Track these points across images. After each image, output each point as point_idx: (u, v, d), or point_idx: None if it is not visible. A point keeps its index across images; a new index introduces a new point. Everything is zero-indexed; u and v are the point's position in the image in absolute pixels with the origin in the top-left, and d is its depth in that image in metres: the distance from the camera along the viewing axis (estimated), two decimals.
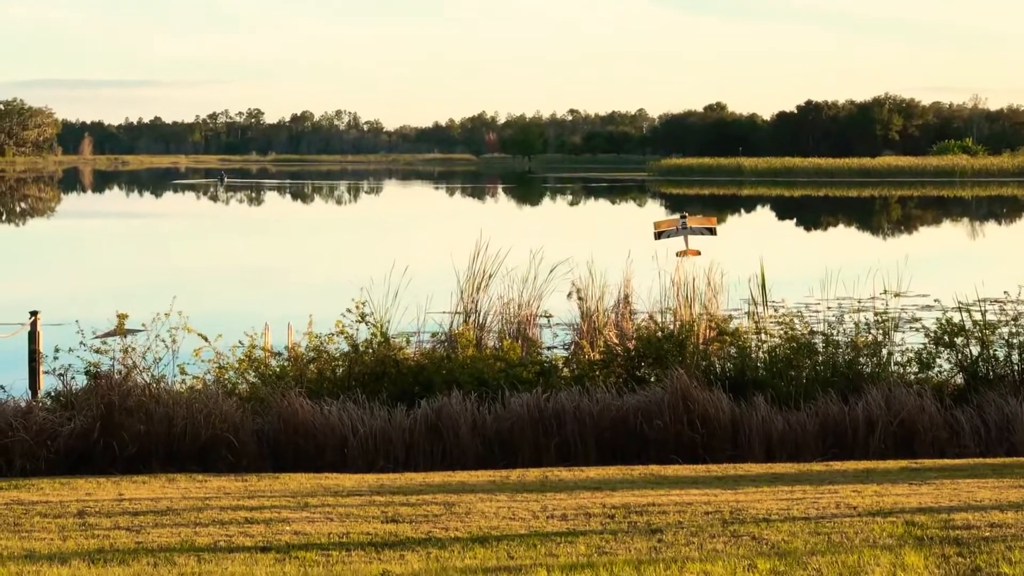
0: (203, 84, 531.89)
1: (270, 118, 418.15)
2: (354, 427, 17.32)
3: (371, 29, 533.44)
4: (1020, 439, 17.77)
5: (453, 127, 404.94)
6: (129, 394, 17.37)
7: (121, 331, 19.09)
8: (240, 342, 19.51)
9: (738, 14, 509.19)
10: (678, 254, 24.05)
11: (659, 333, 20.07)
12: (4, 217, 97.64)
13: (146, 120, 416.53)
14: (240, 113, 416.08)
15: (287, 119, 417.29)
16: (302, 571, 9.97)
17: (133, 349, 18.60)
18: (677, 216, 25.16)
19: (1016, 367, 19.49)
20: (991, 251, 60.77)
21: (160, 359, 18.75)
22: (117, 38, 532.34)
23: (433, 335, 21.14)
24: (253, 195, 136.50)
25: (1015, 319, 20.08)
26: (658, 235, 24.44)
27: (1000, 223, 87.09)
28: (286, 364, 19.34)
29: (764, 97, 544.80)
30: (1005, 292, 21.83)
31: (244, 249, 63.42)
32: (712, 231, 24.93)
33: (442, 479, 15.43)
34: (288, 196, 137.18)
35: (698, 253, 24.05)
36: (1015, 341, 19.68)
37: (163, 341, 18.90)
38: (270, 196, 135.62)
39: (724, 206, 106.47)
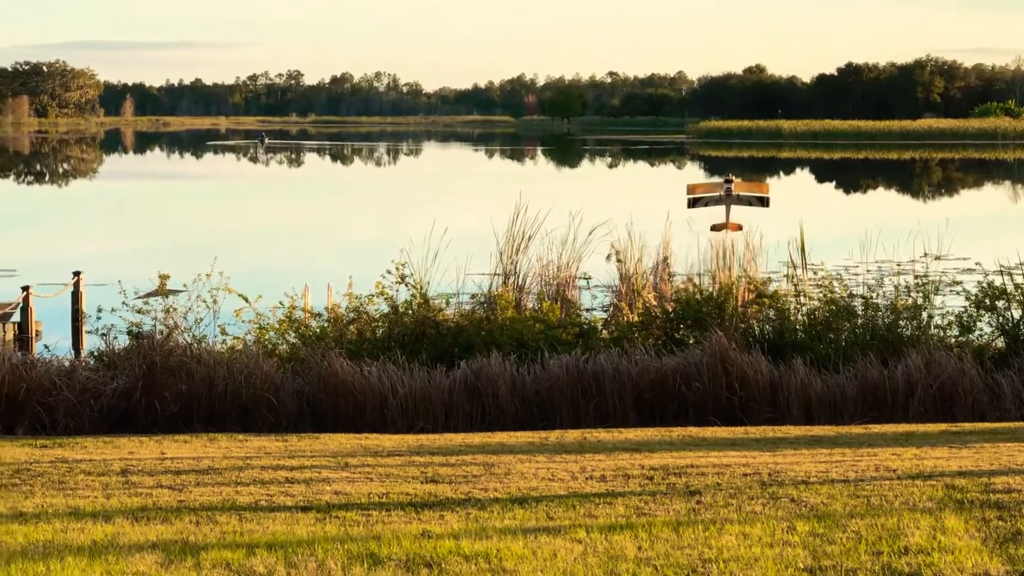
0: (243, 46, 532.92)
1: (309, 80, 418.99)
2: (394, 388, 17.38)
3: None
4: None
5: (492, 89, 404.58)
6: (171, 354, 17.49)
7: (163, 291, 19.21)
8: (280, 303, 19.60)
9: None
10: (714, 227, 23.57)
11: (697, 295, 20.06)
12: (47, 178, 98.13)
13: (187, 82, 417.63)
14: (280, 75, 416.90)
15: (327, 81, 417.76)
16: (343, 531, 10.03)
17: (175, 309, 18.72)
18: (719, 180, 24.54)
19: None
20: None
21: (201, 319, 18.87)
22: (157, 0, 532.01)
23: (472, 296, 21.19)
24: (293, 156, 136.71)
25: None
26: (693, 202, 24.01)
27: None
28: (326, 325, 19.41)
29: (804, 59, 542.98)
30: None
31: (284, 210, 63.57)
32: (764, 201, 24.52)
33: (481, 440, 15.48)
34: (327, 158, 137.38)
35: (739, 228, 23.57)
36: None
37: (204, 302, 19.02)
38: (310, 158, 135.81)
39: (763, 168, 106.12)
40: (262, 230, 51.55)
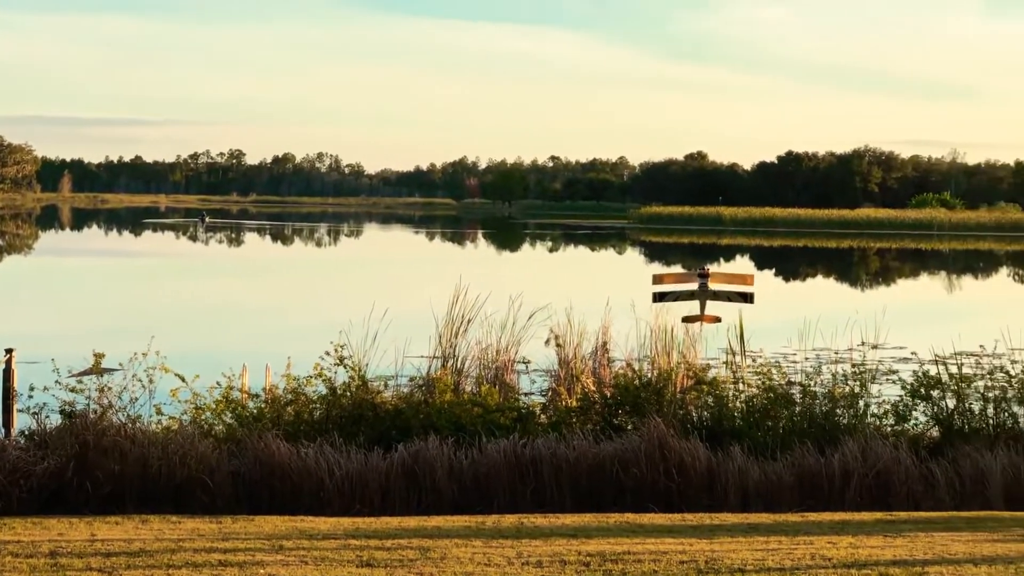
0: (184, 124, 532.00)
1: (251, 159, 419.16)
2: (331, 470, 17.27)
3: (354, 73, 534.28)
4: (994, 493, 17.81)
5: (434, 172, 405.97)
6: (104, 434, 17.29)
7: (97, 370, 19.02)
8: (217, 383, 19.46)
9: (719, 64, 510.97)
10: (687, 319, 21.95)
11: (637, 381, 20.07)
12: None
13: (127, 159, 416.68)
14: (221, 154, 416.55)
15: (268, 160, 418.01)
16: None
17: (109, 388, 18.52)
18: (689, 272, 22.88)
19: (991, 421, 19.55)
20: (967, 304, 60.98)
21: (136, 399, 18.67)
22: (98, 76, 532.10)
23: (411, 379, 21.12)
24: (233, 236, 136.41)
25: (990, 373, 20.15)
26: (659, 296, 21.29)
27: (977, 277, 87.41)
28: (263, 406, 19.28)
29: (745, 147, 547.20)
30: (981, 346, 21.94)
31: (223, 290, 63.35)
32: (747, 297, 21.59)
33: (418, 523, 15.39)
34: (268, 238, 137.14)
35: (717, 320, 21.92)
36: (990, 395, 19.74)
37: (140, 381, 18.83)
38: (250, 237, 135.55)
39: (704, 255, 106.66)
40: (200, 309, 51.30)
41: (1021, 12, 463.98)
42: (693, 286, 22.54)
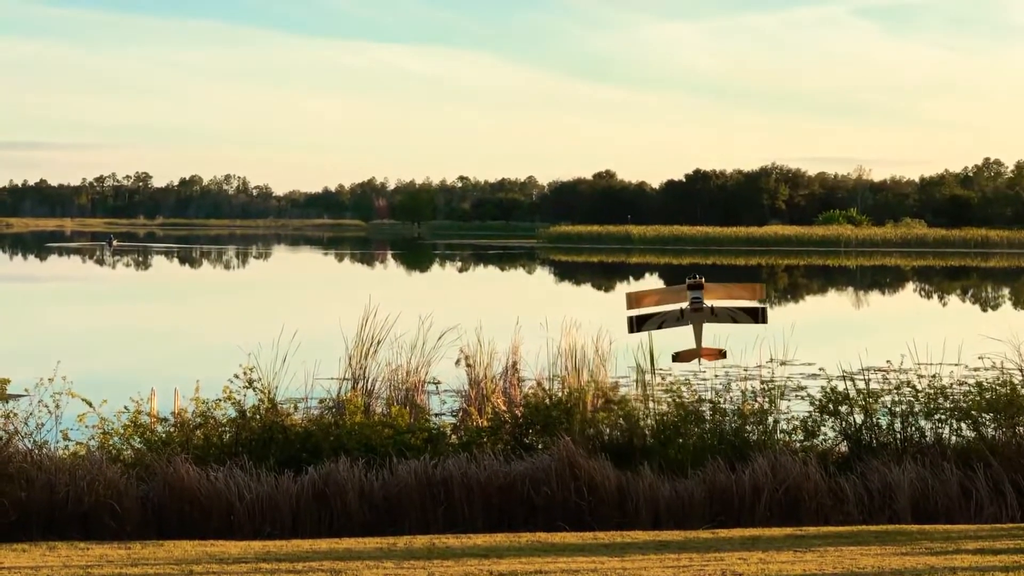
0: (90, 147, 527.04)
1: (158, 182, 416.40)
2: (240, 493, 17.18)
3: (260, 95, 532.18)
4: (902, 506, 17.99)
5: (343, 193, 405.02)
6: (9, 460, 17.10)
7: (2, 396, 18.82)
8: (125, 407, 19.29)
9: (625, 83, 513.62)
10: (678, 357, 19.00)
11: (547, 400, 20.09)
12: None
13: (31, 182, 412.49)
14: (128, 176, 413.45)
15: (175, 183, 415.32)
16: None
17: (15, 414, 18.34)
18: (675, 288, 18.33)
19: (898, 435, 19.75)
20: (874, 320, 61.60)
21: (43, 425, 18.48)
22: (3, 100, 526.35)
23: (321, 401, 21.04)
24: (141, 259, 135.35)
25: (897, 388, 20.35)
26: (638, 322, 17.04)
27: (883, 292, 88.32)
28: (172, 430, 19.14)
29: (653, 166, 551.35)
30: (888, 361, 22.17)
31: (131, 314, 62.79)
32: (757, 314, 17.42)
33: (328, 546, 15.33)
34: (176, 260, 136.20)
35: (722, 355, 18.71)
36: (897, 409, 19.94)
37: (46, 406, 18.64)
38: (158, 260, 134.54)
39: (613, 273, 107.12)
40: (108, 333, 50.82)
41: (918, 31, 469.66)
42: (683, 305, 18.60)
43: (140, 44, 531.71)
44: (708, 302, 17.76)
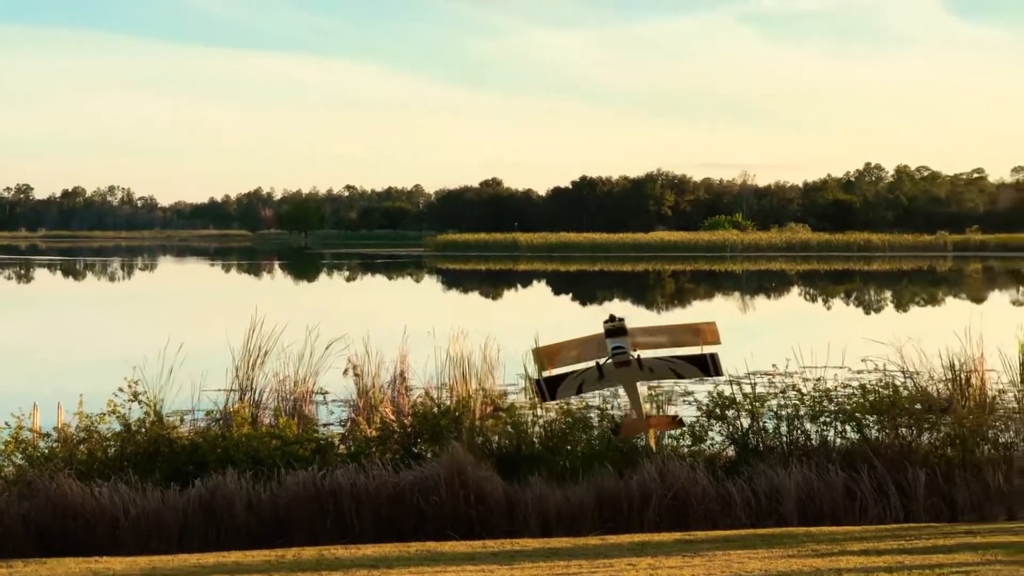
0: None
1: (39, 193, 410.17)
2: (126, 508, 16.99)
3: (142, 104, 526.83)
4: (788, 509, 18.17)
5: (229, 203, 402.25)
6: None
7: None
8: (6, 423, 19.03)
9: (510, 90, 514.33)
10: (621, 432, 15.45)
11: (435, 409, 20.07)
12: None
13: None
14: (8, 188, 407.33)
15: (57, 195, 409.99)
16: None
17: None
18: (591, 337, 14.17)
19: (784, 438, 19.93)
20: (760, 324, 62.14)
21: None
22: None
23: (208, 413, 20.88)
24: (22, 272, 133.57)
25: (783, 391, 20.56)
26: (551, 386, 13.12)
27: (769, 297, 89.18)
28: (55, 445, 18.90)
29: (539, 173, 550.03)
30: (773, 365, 22.41)
31: (13, 327, 61.91)
32: (707, 365, 13.09)
33: (216, 560, 15.20)
34: (58, 273, 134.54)
35: (676, 423, 15.34)
36: (783, 413, 20.13)
37: None
38: (39, 273, 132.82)
39: (500, 281, 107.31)
40: None
41: (800, 38, 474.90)
42: (602, 361, 14.28)
43: (18, 53, 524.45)
44: (636, 352, 13.64)
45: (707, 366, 14.19)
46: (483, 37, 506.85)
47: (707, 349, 13.99)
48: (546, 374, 14.79)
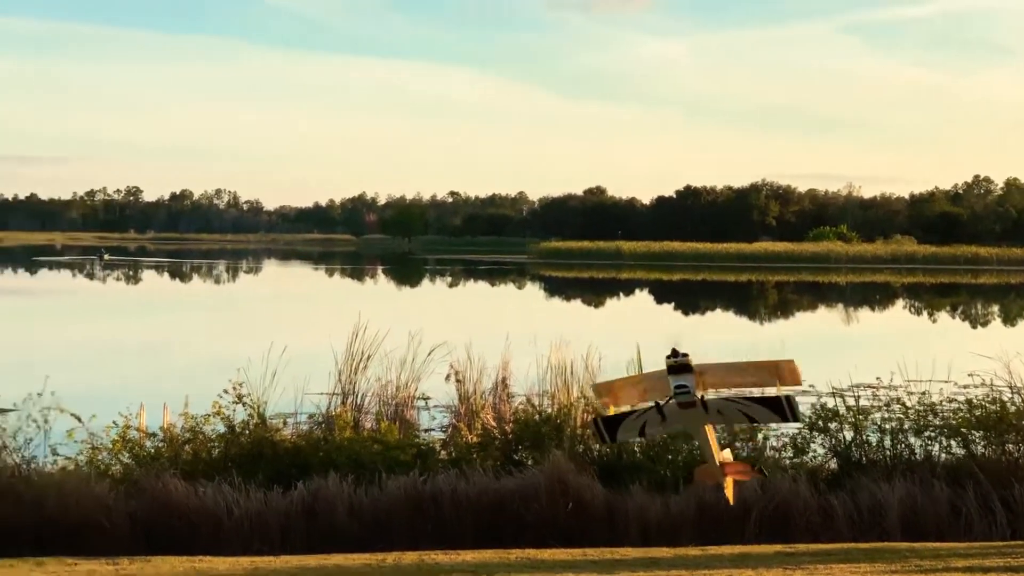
0: (80, 161, 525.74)
1: (149, 196, 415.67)
2: (229, 509, 17.15)
3: (250, 109, 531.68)
4: (891, 524, 17.99)
5: (333, 207, 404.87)
6: None
7: None
8: (114, 422, 19.26)
9: (616, 100, 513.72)
10: (691, 479, 13.73)
11: (536, 416, 20.08)
12: None
13: (21, 196, 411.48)
14: (118, 191, 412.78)
15: (166, 197, 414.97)
16: None
17: (3, 429, 18.32)
18: (651, 375, 12.47)
19: (888, 452, 19.75)
20: (864, 337, 61.60)
21: (31, 440, 18.47)
22: None
23: (310, 416, 21.04)
24: (131, 273, 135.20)
25: (887, 405, 20.37)
26: (611, 429, 11.61)
27: (873, 309, 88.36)
28: (161, 445, 19.12)
29: (643, 182, 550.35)
30: (877, 378, 22.19)
31: (121, 328, 62.68)
32: (784, 409, 11.55)
33: (317, 562, 15.29)
34: (166, 275, 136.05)
35: (758, 472, 13.31)
36: (887, 426, 19.95)
37: (34, 421, 18.63)
38: (148, 275, 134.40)
39: (603, 289, 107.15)
40: (97, 348, 50.72)
41: (906, 48, 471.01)
42: (663, 401, 12.07)
43: (129, 59, 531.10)
44: (702, 392, 11.77)
45: (783, 410, 11.78)
46: (588, 47, 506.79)
47: (784, 390, 11.89)
48: (601, 416, 12.47)
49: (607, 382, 13.07)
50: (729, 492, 12.68)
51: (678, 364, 11.81)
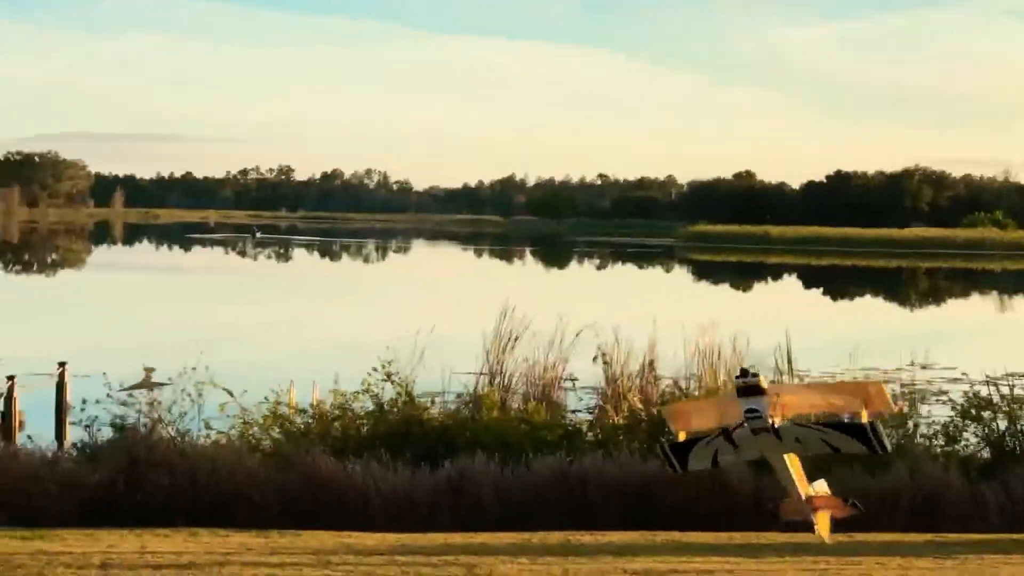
0: (233, 140, 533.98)
1: (300, 175, 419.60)
2: (377, 486, 17.30)
3: (401, 91, 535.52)
4: None
5: (482, 189, 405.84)
6: (154, 448, 17.41)
7: (147, 384, 19.19)
8: (265, 398, 19.55)
9: (766, 85, 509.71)
10: (778, 514, 12.18)
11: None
12: (35, 268, 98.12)
13: (177, 175, 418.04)
14: (271, 170, 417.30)
15: (317, 177, 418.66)
16: None
17: (159, 402, 18.66)
18: (725, 397, 11.99)
19: None
20: (1020, 325, 60.53)
21: (185, 413, 18.80)
22: (149, 95, 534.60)
23: (458, 396, 21.17)
24: (282, 251, 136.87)
25: None
26: (678, 457, 10.50)
27: None
28: (311, 421, 19.35)
29: (793, 166, 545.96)
30: None
31: (273, 305, 63.50)
32: (869, 438, 10.23)
33: (463, 540, 15.39)
34: (316, 253, 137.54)
35: (854, 508, 11.72)
36: None
37: (189, 395, 18.96)
38: (299, 253, 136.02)
39: (751, 274, 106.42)
40: (250, 324, 51.45)
41: None
42: (735, 423, 10.75)
43: (286, 43, 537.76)
44: (775, 418, 10.36)
45: (869, 440, 10.24)
46: (738, 33, 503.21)
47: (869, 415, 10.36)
48: (669, 441, 11.02)
49: (675, 405, 12.41)
50: (823, 530, 11.55)
51: (747, 385, 10.52)
